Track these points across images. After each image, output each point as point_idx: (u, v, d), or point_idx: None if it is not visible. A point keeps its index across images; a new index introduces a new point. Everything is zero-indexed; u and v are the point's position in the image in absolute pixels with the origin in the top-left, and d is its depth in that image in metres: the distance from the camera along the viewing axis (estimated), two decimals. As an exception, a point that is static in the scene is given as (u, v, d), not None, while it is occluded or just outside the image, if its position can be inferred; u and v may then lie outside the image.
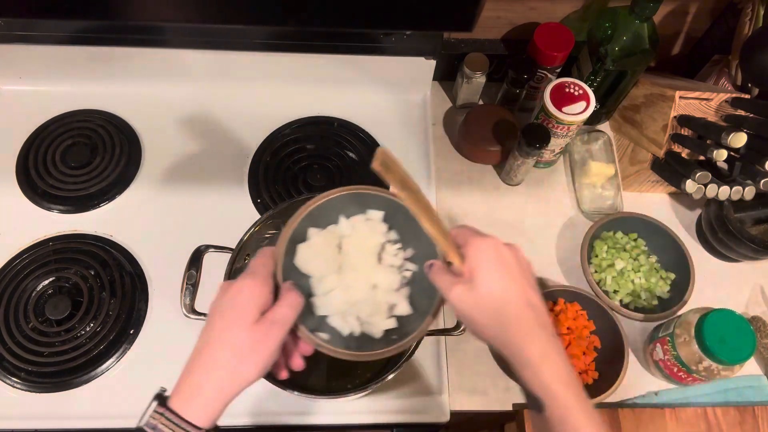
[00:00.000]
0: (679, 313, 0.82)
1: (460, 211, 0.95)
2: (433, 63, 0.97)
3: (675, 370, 0.77)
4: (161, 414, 0.46)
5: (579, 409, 0.46)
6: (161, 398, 0.47)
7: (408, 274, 0.57)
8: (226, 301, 0.50)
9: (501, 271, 0.49)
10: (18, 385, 0.78)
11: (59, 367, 0.79)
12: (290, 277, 0.54)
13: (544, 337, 0.47)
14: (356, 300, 0.55)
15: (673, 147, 0.87)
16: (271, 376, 0.67)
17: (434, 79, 1.02)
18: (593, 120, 1.01)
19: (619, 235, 0.92)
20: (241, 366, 0.48)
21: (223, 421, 0.78)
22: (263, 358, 0.48)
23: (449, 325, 0.84)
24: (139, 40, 0.92)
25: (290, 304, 0.51)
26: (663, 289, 0.89)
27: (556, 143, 0.90)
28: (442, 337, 0.84)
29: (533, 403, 0.48)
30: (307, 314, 0.54)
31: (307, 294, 0.55)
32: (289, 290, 0.52)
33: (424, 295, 0.55)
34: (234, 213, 0.90)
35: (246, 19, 0.56)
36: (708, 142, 0.81)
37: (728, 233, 0.85)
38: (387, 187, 0.57)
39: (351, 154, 0.97)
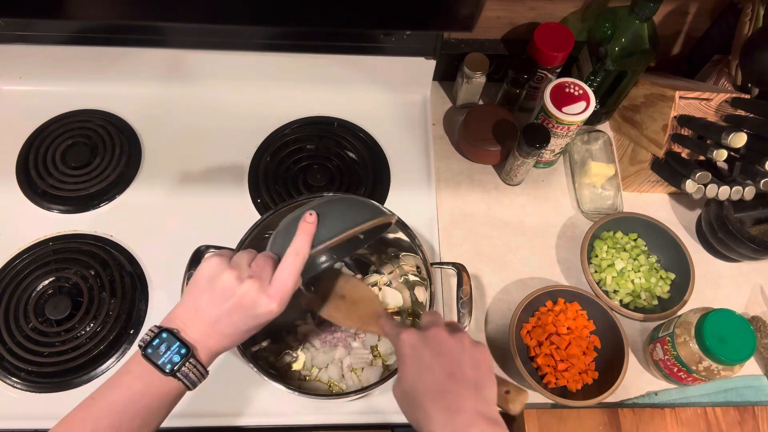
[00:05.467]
0: (679, 313, 0.82)
1: (460, 211, 0.95)
2: (433, 63, 0.97)
3: (675, 370, 0.77)
4: (194, 366, 0.55)
5: None
6: (189, 350, 0.55)
7: None
8: (254, 313, 0.56)
9: (413, 367, 0.54)
10: (18, 385, 0.78)
11: (59, 367, 0.79)
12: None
13: (444, 422, 0.50)
14: None
15: (673, 147, 0.87)
16: (272, 375, 0.67)
17: (434, 79, 1.02)
18: (593, 120, 1.01)
19: (619, 235, 0.92)
20: (246, 336, 0.59)
21: (223, 421, 0.78)
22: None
23: (449, 325, 0.84)
24: (139, 40, 0.92)
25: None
26: (663, 289, 0.89)
27: (556, 143, 0.90)
28: (442, 337, 0.84)
29: None
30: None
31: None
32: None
33: None
34: (234, 213, 0.91)
35: (246, 19, 0.56)
36: (708, 142, 0.81)
37: (728, 233, 0.85)
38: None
39: (351, 154, 0.97)
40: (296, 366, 0.80)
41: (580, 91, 0.85)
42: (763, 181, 0.78)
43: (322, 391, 0.79)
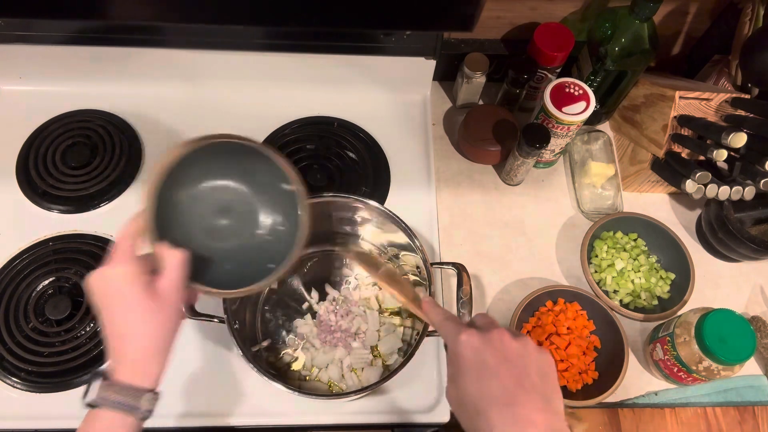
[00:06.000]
0: (679, 313, 0.82)
1: (460, 211, 0.95)
2: (433, 63, 0.97)
3: (675, 370, 0.77)
4: (119, 390, 0.52)
5: None
6: (102, 375, 0.53)
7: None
8: (112, 292, 0.54)
9: (475, 372, 0.49)
10: (18, 385, 0.78)
11: (59, 367, 0.79)
12: (169, 230, 0.57)
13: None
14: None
15: (673, 147, 0.87)
16: (272, 375, 0.67)
17: (434, 79, 1.02)
18: (593, 120, 1.01)
19: (619, 235, 0.92)
20: (164, 338, 0.55)
21: (223, 421, 0.78)
22: (172, 323, 0.56)
23: (449, 325, 0.84)
24: (139, 40, 0.92)
25: (173, 266, 0.55)
26: (663, 289, 0.89)
27: (556, 143, 0.90)
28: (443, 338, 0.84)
29: None
30: (198, 264, 0.59)
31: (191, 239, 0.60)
32: (169, 252, 0.56)
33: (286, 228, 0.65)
34: (234, 213, 0.90)
35: (246, 19, 0.56)
36: (708, 142, 0.81)
37: (728, 233, 0.85)
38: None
39: (351, 154, 0.97)
40: (296, 366, 0.80)
41: (580, 91, 0.85)
42: (763, 181, 0.78)
43: (322, 391, 0.79)
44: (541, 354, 0.50)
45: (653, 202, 0.97)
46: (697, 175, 0.79)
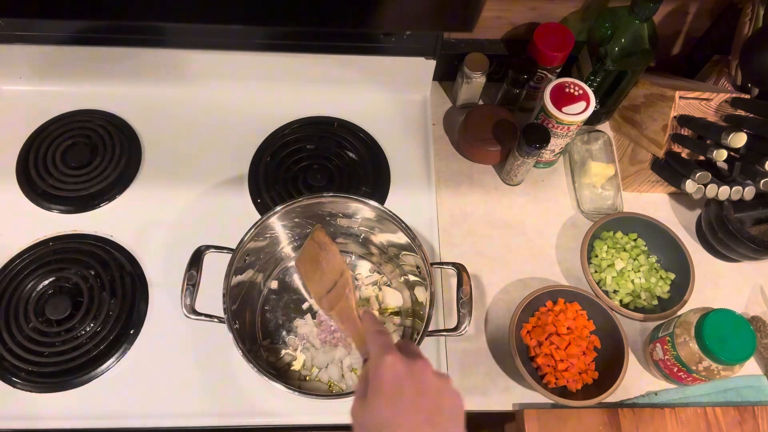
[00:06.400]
0: (679, 313, 0.82)
1: (460, 211, 0.95)
2: (433, 63, 0.97)
3: (675, 370, 0.77)
4: None
5: None
6: None
7: None
8: None
9: (390, 399, 0.48)
10: (18, 385, 0.78)
11: (59, 367, 0.79)
12: None
13: None
14: None
15: (673, 147, 0.87)
16: (272, 375, 0.67)
17: (434, 79, 1.02)
18: (593, 120, 1.01)
19: (619, 235, 0.92)
20: None
21: (223, 421, 0.78)
22: None
23: (450, 325, 0.84)
24: (139, 40, 0.92)
25: None
26: (663, 289, 0.89)
27: (556, 143, 0.90)
28: (442, 338, 0.84)
29: None
30: None
31: None
32: None
33: None
34: (234, 213, 0.91)
35: (246, 19, 0.56)
36: (708, 142, 0.81)
37: (728, 233, 0.85)
38: None
39: (351, 154, 0.97)
40: (296, 366, 0.80)
41: (580, 91, 0.85)
42: (763, 181, 0.78)
43: (322, 391, 0.79)
44: (456, 395, 0.50)
45: (653, 202, 0.97)
46: (697, 175, 0.79)
